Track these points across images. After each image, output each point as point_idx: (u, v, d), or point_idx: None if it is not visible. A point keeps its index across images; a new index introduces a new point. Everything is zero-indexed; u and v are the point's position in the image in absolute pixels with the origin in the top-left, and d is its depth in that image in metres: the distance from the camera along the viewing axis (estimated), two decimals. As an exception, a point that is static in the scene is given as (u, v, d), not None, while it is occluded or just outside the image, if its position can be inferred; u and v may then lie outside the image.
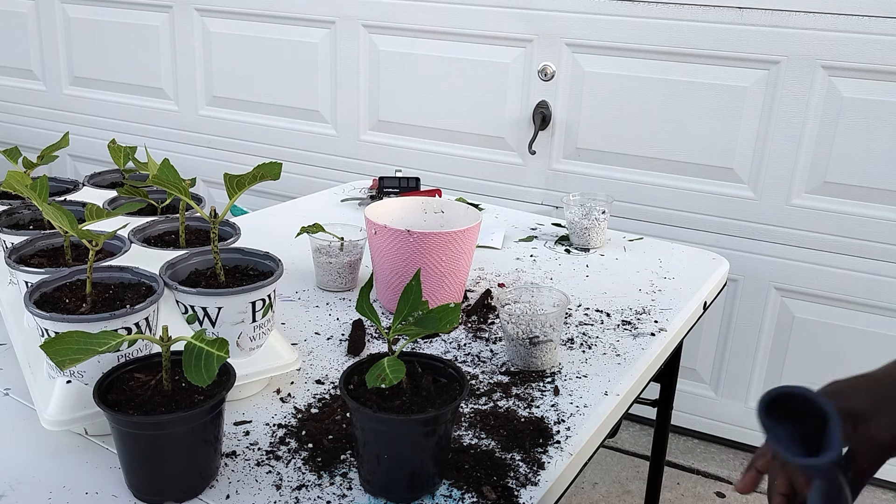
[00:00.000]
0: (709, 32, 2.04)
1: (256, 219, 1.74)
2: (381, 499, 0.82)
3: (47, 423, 0.85)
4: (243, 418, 0.95)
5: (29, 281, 0.95)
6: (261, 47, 2.65)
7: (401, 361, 0.80)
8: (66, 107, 3.10)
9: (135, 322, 0.87)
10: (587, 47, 2.20)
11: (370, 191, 1.87)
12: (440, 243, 1.18)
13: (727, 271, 1.56)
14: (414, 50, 2.43)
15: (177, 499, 0.80)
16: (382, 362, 0.80)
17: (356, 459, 0.85)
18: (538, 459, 0.89)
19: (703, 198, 2.16)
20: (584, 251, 1.58)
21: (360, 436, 0.80)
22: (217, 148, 2.84)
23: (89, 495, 0.80)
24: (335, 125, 2.63)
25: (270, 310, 0.99)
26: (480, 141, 2.41)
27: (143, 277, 0.95)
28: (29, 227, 1.13)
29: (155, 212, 1.23)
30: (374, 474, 0.81)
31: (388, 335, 0.83)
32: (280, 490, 0.82)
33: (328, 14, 2.52)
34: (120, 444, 0.79)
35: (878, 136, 1.94)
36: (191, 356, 0.76)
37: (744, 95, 2.04)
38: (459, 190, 2.39)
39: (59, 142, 1.26)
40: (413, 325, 0.82)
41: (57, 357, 0.74)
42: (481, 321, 1.25)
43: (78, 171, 3.16)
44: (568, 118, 2.27)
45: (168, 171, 0.94)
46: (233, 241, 1.10)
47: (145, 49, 2.87)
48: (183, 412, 0.76)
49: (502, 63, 2.32)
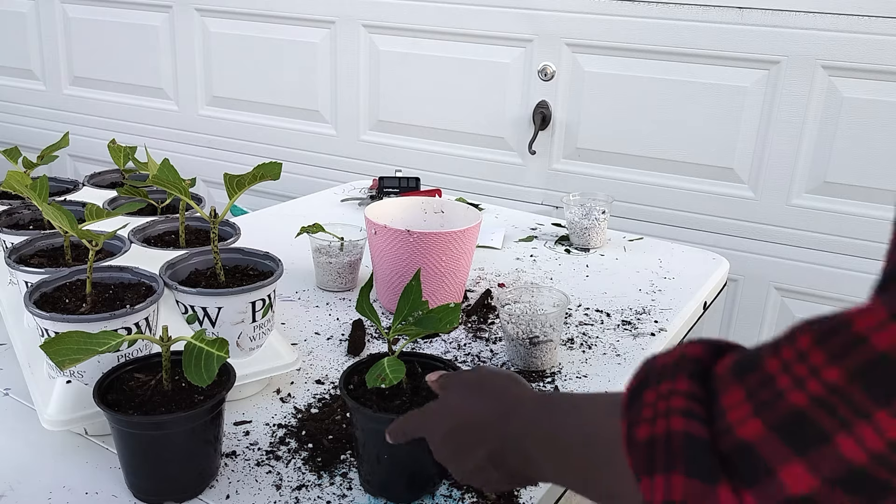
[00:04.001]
0: (709, 32, 2.04)
1: (256, 219, 1.74)
2: (381, 499, 0.82)
3: (47, 423, 0.85)
4: (243, 418, 0.95)
5: (29, 281, 0.95)
6: (261, 47, 2.65)
7: (401, 361, 0.80)
8: (66, 107, 3.10)
9: (135, 322, 0.87)
10: (587, 47, 2.20)
11: (370, 191, 1.87)
12: (440, 243, 1.18)
13: (727, 271, 1.56)
14: (414, 50, 2.43)
15: (177, 499, 0.80)
16: (382, 362, 0.80)
17: (356, 459, 0.85)
18: (538, 459, 0.89)
19: (703, 198, 2.16)
20: (584, 251, 1.58)
21: (360, 436, 0.80)
22: (217, 148, 2.84)
23: (89, 495, 0.80)
24: (335, 125, 2.63)
25: (270, 310, 0.99)
26: (480, 141, 2.41)
27: (143, 277, 0.95)
28: (29, 227, 1.13)
29: (155, 212, 1.23)
30: (373, 474, 0.81)
31: (387, 335, 0.83)
32: (280, 490, 0.82)
33: (328, 14, 2.52)
34: (120, 444, 0.79)
35: (878, 136, 1.94)
36: (191, 356, 0.76)
37: (744, 95, 2.04)
38: (459, 190, 2.39)
39: (59, 142, 1.26)
40: (413, 326, 0.82)
41: (57, 357, 0.74)
42: (481, 321, 1.25)
43: (78, 171, 3.16)
44: (568, 118, 2.27)
45: (168, 171, 0.94)
46: (233, 241, 1.10)
47: (145, 49, 2.87)
48: (183, 412, 0.76)
49: (502, 63, 2.32)
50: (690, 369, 0.45)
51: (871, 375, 0.36)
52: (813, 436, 0.38)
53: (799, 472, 0.38)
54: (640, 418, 0.46)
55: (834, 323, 0.38)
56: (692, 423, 0.43)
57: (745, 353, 0.44)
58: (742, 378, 0.42)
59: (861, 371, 0.36)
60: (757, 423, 0.40)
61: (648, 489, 0.44)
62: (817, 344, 0.38)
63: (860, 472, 0.36)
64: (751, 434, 0.40)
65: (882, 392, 0.35)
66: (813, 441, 0.38)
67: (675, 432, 0.43)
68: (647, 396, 0.46)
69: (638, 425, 0.46)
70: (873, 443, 0.36)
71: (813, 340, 0.39)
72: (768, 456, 0.39)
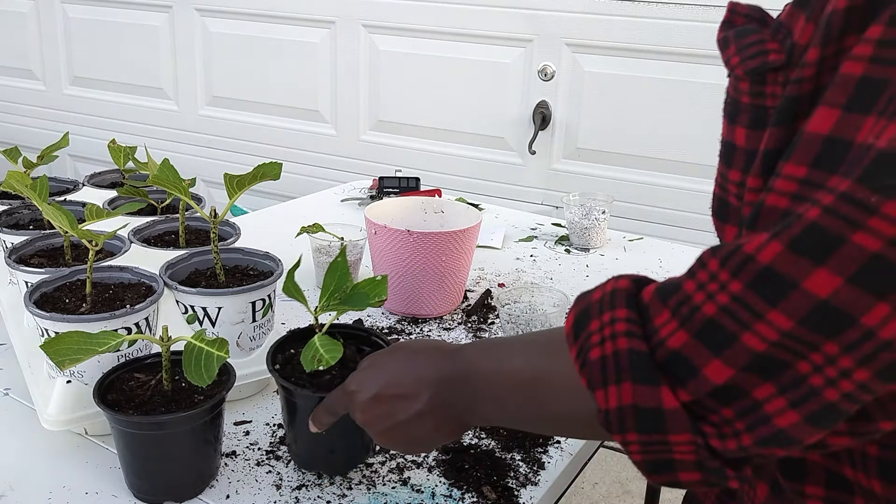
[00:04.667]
0: (709, 32, 2.04)
1: (256, 219, 1.74)
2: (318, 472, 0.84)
3: (47, 423, 0.85)
4: (243, 418, 0.95)
5: (29, 281, 0.95)
6: (261, 47, 2.65)
7: (334, 339, 0.80)
8: (66, 107, 3.10)
9: (135, 322, 0.87)
10: (587, 47, 2.20)
11: (370, 191, 1.87)
12: (440, 243, 1.18)
13: (727, 271, 1.55)
14: (414, 50, 2.43)
15: (177, 499, 0.80)
16: (314, 342, 0.80)
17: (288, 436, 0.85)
18: (538, 459, 0.89)
19: (703, 198, 2.15)
20: (584, 251, 1.58)
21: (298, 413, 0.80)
22: (217, 148, 2.84)
23: (89, 495, 0.80)
24: (335, 125, 2.63)
25: (270, 310, 0.99)
26: (480, 141, 2.41)
27: (143, 277, 0.95)
28: (29, 227, 1.13)
29: (155, 212, 1.23)
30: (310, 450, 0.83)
31: (315, 314, 0.83)
32: (280, 490, 0.82)
33: (328, 14, 2.52)
34: (120, 444, 0.79)
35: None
36: (191, 356, 0.76)
37: (744, 95, 2.04)
38: (459, 190, 2.39)
39: (59, 142, 1.26)
40: (341, 303, 0.82)
41: (57, 357, 0.74)
42: (481, 321, 1.25)
43: (78, 171, 3.16)
44: (568, 118, 2.27)
45: (168, 171, 0.94)
46: (233, 241, 1.10)
47: (145, 49, 2.87)
48: (183, 412, 0.76)
49: (502, 63, 2.32)
50: (626, 300, 0.54)
51: (759, 283, 0.45)
52: (723, 338, 0.47)
53: (717, 366, 0.48)
54: (590, 343, 0.54)
55: (731, 248, 0.47)
56: (634, 341, 0.51)
57: (665, 282, 0.53)
58: (666, 300, 0.51)
59: (752, 281, 0.45)
60: (683, 334, 0.49)
61: (603, 399, 0.52)
62: (722, 265, 0.47)
63: (763, 356, 0.46)
64: (678, 343, 0.49)
65: (769, 295, 0.45)
66: (724, 342, 0.47)
67: (621, 350, 0.52)
68: (593, 325, 0.54)
69: (589, 350, 0.54)
70: (769, 334, 0.45)
71: (719, 263, 0.48)
72: (693, 358, 0.49)
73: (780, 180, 0.48)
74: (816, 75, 0.49)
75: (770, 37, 0.55)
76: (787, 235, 0.44)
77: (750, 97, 0.55)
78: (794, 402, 0.46)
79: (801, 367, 0.45)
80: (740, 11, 0.59)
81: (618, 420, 0.52)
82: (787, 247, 0.44)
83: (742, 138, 0.56)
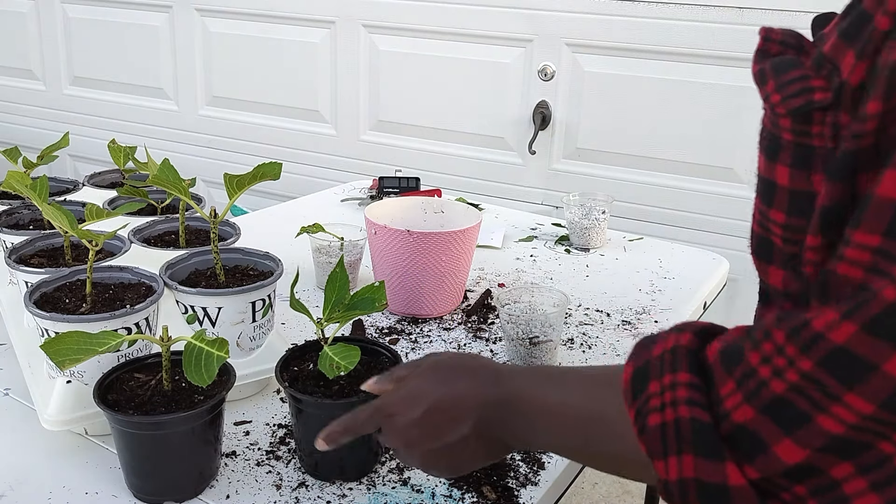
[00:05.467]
0: (709, 32, 2.04)
1: (256, 219, 1.74)
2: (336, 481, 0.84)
3: (47, 423, 0.85)
4: (243, 418, 0.95)
5: (29, 281, 0.95)
6: (261, 47, 2.65)
7: (351, 346, 0.82)
8: (66, 107, 3.10)
9: (135, 322, 0.87)
10: (587, 47, 2.20)
11: (370, 191, 1.87)
12: (440, 243, 1.18)
13: (727, 271, 1.56)
14: (414, 50, 2.43)
15: (177, 499, 0.80)
16: (325, 352, 0.82)
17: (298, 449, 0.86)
18: (538, 459, 0.89)
19: (703, 198, 2.16)
20: (584, 251, 1.58)
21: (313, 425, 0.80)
22: (217, 148, 2.84)
23: (89, 495, 0.80)
24: (335, 125, 2.63)
25: (270, 310, 0.99)
26: (480, 141, 2.41)
27: (143, 277, 0.95)
28: (29, 227, 1.13)
29: (155, 212, 1.23)
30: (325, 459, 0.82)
31: (320, 325, 0.84)
32: (280, 490, 0.82)
33: (328, 14, 2.52)
34: (120, 444, 0.79)
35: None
36: (191, 356, 0.76)
37: (744, 95, 2.04)
38: (459, 190, 2.39)
39: (59, 142, 1.26)
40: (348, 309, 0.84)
41: (57, 357, 0.74)
42: (481, 321, 1.25)
43: (78, 171, 3.16)
44: (568, 118, 2.27)
45: (168, 171, 0.94)
46: (233, 241, 1.10)
47: (145, 49, 2.87)
48: (183, 412, 0.76)
49: (502, 63, 2.32)
50: (688, 361, 0.51)
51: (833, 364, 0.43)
52: (795, 417, 0.45)
53: (789, 446, 0.45)
54: (649, 408, 0.52)
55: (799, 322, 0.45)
56: (696, 410, 0.49)
57: (728, 343, 0.50)
58: (731, 370, 0.49)
59: (824, 361, 0.43)
60: (749, 409, 0.47)
61: (663, 469, 0.50)
62: (788, 339, 0.45)
63: (842, 439, 0.44)
64: (745, 418, 0.47)
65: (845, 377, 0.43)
66: (796, 421, 0.45)
67: (683, 419, 0.49)
68: (652, 387, 0.52)
69: (648, 414, 0.51)
70: (847, 416, 0.43)
71: (786, 336, 0.45)
72: (762, 435, 0.46)
73: (851, 249, 0.45)
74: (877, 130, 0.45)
75: (814, 72, 0.51)
76: (864, 316, 0.42)
77: (793, 135, 0.51)
78: (876, 483, 0.44)
79: (885, 447, 0.43)
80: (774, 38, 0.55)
81: (679, 492, 0.50)
82: (862, 328, 0.42)
83: (785, 178, 0.52)
